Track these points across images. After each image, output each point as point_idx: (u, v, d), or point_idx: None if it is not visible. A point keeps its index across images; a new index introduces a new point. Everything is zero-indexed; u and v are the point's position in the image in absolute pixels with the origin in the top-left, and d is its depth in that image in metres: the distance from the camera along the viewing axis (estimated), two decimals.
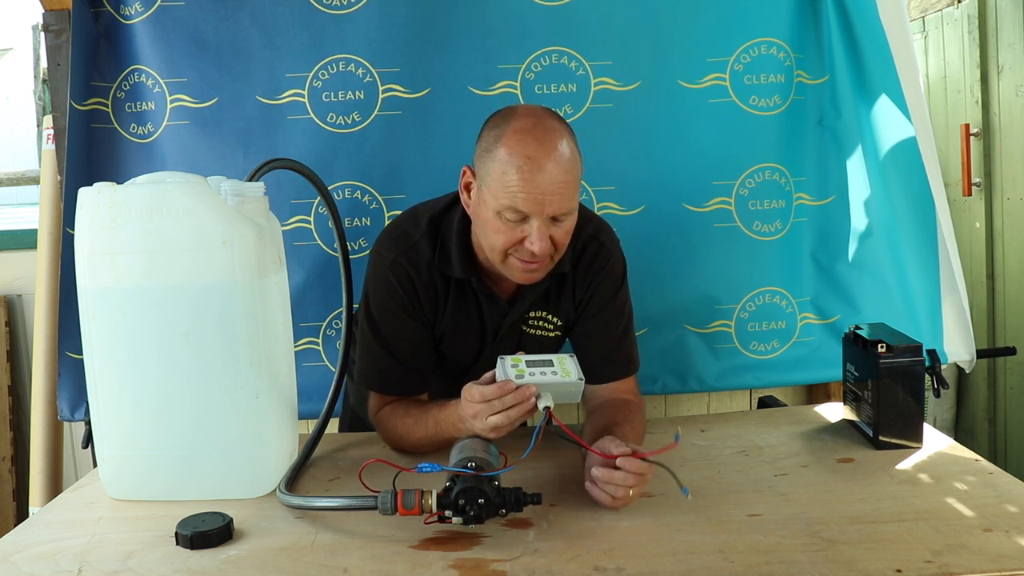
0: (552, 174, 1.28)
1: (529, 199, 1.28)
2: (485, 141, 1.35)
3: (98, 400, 1.30)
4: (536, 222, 1.30)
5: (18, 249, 2.62)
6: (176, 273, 1.23)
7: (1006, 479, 1.26)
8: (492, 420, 1.22)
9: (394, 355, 1.49)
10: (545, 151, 1.28)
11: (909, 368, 1.39)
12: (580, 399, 1.28)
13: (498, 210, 1.31)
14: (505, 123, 1.33)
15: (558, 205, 1.30)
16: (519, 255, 1.34)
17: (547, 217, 1.30)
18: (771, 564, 1.02)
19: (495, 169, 1.31)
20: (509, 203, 1.29)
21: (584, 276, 1.51)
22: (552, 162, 1.28)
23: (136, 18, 1.96)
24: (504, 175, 1.29)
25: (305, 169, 1.46)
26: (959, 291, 2.03)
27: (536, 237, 1.30)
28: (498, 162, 1.30)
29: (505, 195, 1.29)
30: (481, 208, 1.36)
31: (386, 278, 1.46)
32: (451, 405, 1.36)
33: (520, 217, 1.31)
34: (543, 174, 1.28)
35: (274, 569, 1.07)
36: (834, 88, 2.04)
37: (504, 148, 1.30)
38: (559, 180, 1.29)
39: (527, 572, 1.02)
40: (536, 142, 1.29)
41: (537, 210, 1.29)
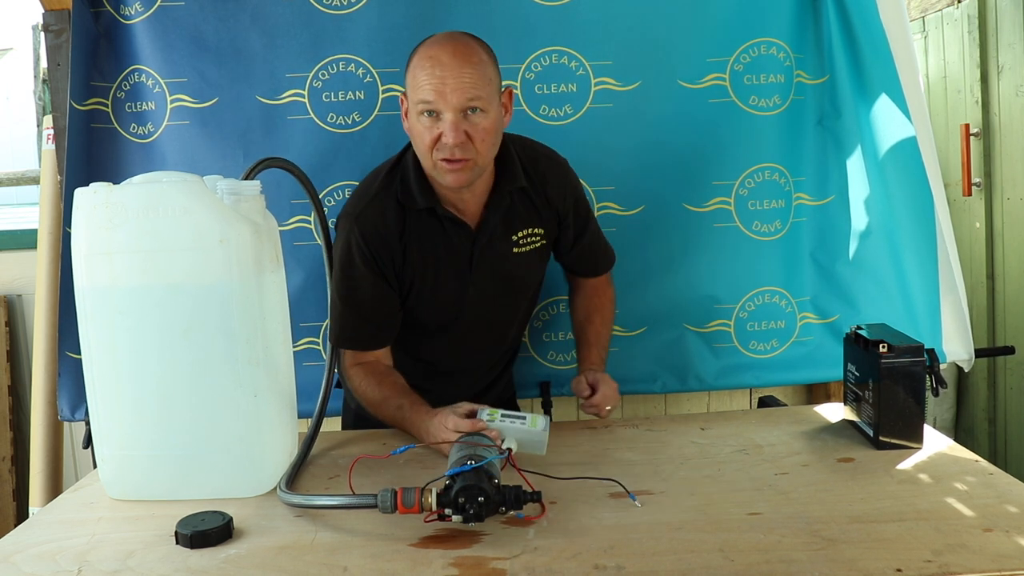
0: (453, 66, 1.41)
1: (434, 91, 1.41)
2: (408, 64, 1.47)
3: (97, 400, 1.30)
4: (448, 115, 1.41)
5: (18, 249, 2.62)
6: (173, 272, 1.23)
7: (1006, 479, 1.26)
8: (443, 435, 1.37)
9: (353, 308, 1.57)
10: (447, 48, 1.43)
11: (910, 369, 1.39)
12: (544, 450, 1.35)
13: (417, 113, 1.44)
14: (421, 43, 1.47)
15: (462, 94, 1.41)
16: (442, 154, 1.44)
17: (456, 110, 1.41)
18: (771, 563, 1.02)
19: (409, 77, 1.46)
20: (420, 98, 1.42)
21: (556, 192, 1.64)
22: (452, 55, 1.42)
23: (136, 18, 1.96)
24: (415, 78, 1.44)
25: (296, 169, 1.47)
26: (958, 291, 2.03)
27: (449, 129, 1.41)
28: (411, 69, 1.45)
29: (416, 93, 1.43)
30: (409, 120, 1.48)
31: (351, 232, 1.54)
32: (421, 410, 1.48)
33: (433, 113, 1.42)
34: (444, 67, 1.41)
35: (274, 568, 1.07)
36: (834, 88, 2.04)
37: (416, 56, 1.45)
38: (462, 71, 1.41)
39: (527, 570, 1.02)
40: (439, 44, 1.44)
41: (442, 101, 1.41)
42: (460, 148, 1.42)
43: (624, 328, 2.08)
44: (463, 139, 1.42)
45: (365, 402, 1.59)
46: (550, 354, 2.12)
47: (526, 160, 1.62)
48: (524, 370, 2.10)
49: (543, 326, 2.11)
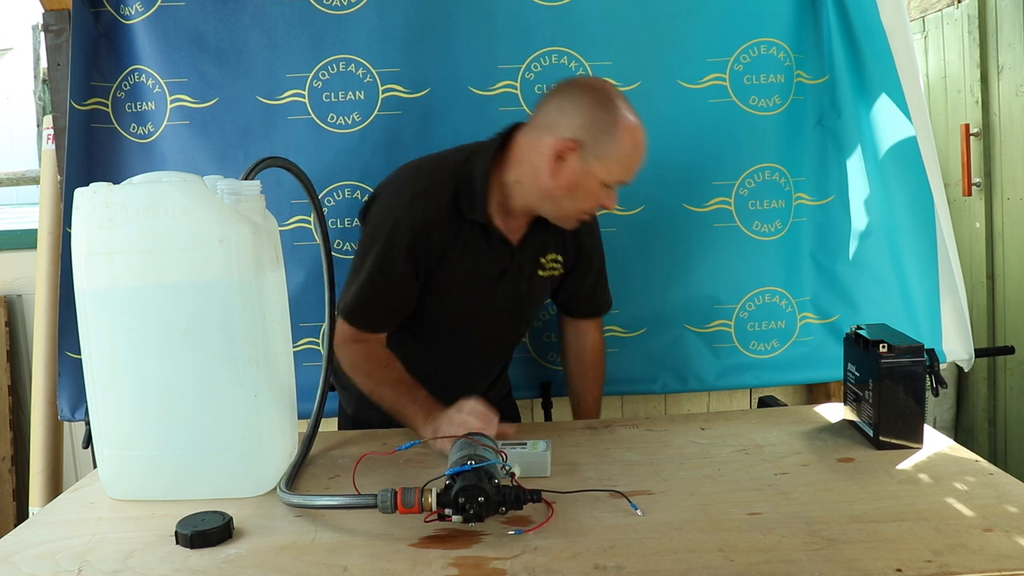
0: (645, 153, 1.56)
1: (632, 175, 1.56)
2: (596, 122, 1.50)
3: (97, 400, 1.29)
4: (615, 190, 1.57)
5: (18, 249, 2.62)
6: (173, 272, 1.23)
7: (1006, 479, 1.26)
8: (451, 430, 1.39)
9: (378, 292, 1.58)
10: (645, 135, 1.55)
11: (910, 369, 1.39)
12: (548, 471, 1.35)
13: (608, 182, 1.53)
14: (614, 108, 1.51)
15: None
16: (588, 213, 1.60)
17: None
18: (771, 563, 1.02)
19: (617, 150, 1.50)
20: (621, 178, 1.54)
21: (585, 226, 1.70)
22: (646, 142, 1.56)
23: (136, 18, 1.96)
24: (624, 154, 1.51)
25: (295, 168, 1.46)
26: (958, 291, 2.03)
27: (614, 201, 1.57)
28: (620, 145, 1.50)
29: (622, 171, 1.53)
30: (583, 177, 1.52)
31: (398, 217, 1.55)
32: (424, 401, 1.52)
33: (616, 187, 1.56)
34: (642, 158, 1.56)
35: (274, 568, 1.06)
36: (834, 88, 2.05)
37: (624, 131, 1.50)
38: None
39: (527, 570, 1.02)
40: (642, 131, 1.54)
41: (628, 182, 1.57)
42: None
43: (624, 329, 2.09)
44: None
45: (360, 379, 1.60)
46: (550, 355, 2.12)
47: None
48: (524, 371, 2.10)
49: (543, 327, 2.11)
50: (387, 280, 1.57)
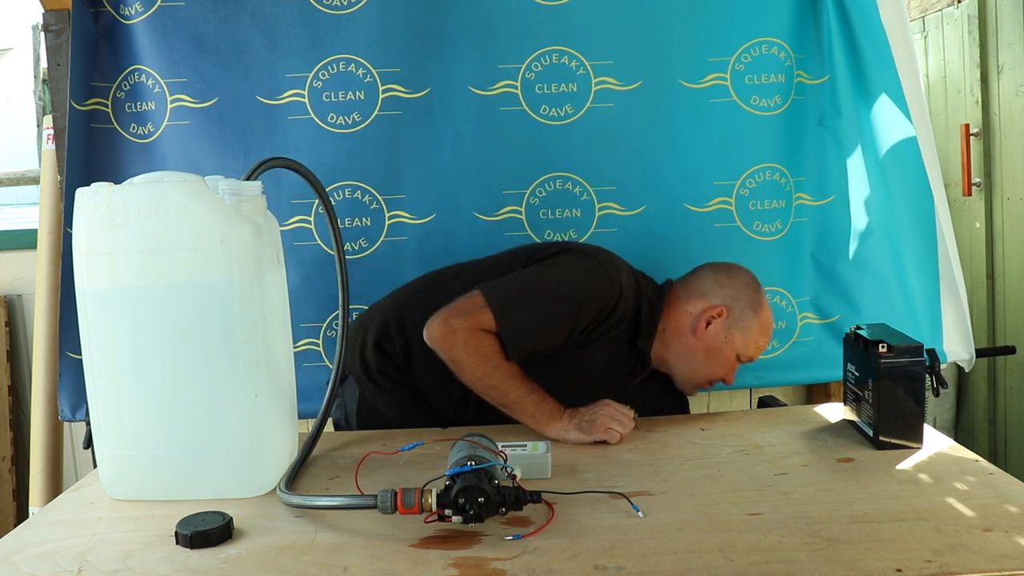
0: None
1: (755, 357, 1.71)
2: (748, 298, 1.68)
3: (97, 400, 1.29)
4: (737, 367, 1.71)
5: (18, 249, 2.62)
6: (174, 272, 1.23)
7: (1006, 479, 1.26)
8: (618, 422, 1.51)
9: (541, 323, 1.56)
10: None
11: (910, 369, 1.39)
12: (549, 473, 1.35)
13: (739, 355, 1.68)
14: (761, 292, 1.71)
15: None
16: (707, 383, 1.72)
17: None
18: (771, 563, 1.02)
19: (755, 331, 1.68)
20: (750, 356, 1.69)
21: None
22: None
23: (136, 18, 1.96)
24: (760, 339, 1.69)
25: (302, 168, 1.46)
26: (959, 291, 2.03)
27: (733, 377, 1.71)
28: (759, 329, 1.68)
29: (754, 351, 1.69)
30: (722, 344, 1.66)
31: (605, 284, 1.59)
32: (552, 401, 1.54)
33: (739, 363, 1.70)
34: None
35: (274, 568, 1.07)
36: (834, 88, 2.04)
37: (767, 317, 1.70)
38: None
39: (527, 571, 1.02)
40: (773, 324, 1.74)
41: (751, 361, 1.72)
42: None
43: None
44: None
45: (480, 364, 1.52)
46: None
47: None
48: None
49: None
50: (557, 320, 1.56)
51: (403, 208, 2.00)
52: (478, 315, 1.52)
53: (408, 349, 1.68)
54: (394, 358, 1.69)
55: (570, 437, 1.50)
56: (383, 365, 1.71)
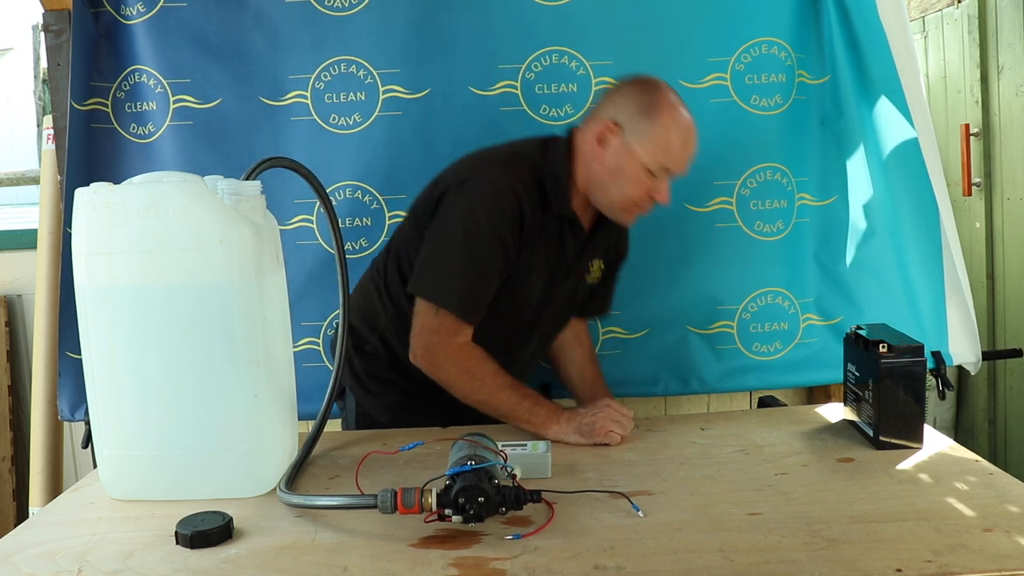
0: (692, 144, 1.56)
1: (679, 163, 1.55)
2: (637, 103, 1.54)
3: (97, 400, 1.29)
4: (667, 181, 1.56)
5: (18, 249, 2.62)
6: (174, 272, 1.23)
7: (1006, 479, 1.25)
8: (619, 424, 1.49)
9: (481, 278, 1.54)
10: (693, 126, 1.56)
11: (910, 369, 1.39)
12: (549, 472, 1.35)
13: (649, 167, 1.53)
14: (656, 92, 1.55)
15: (686, 171, 1.58)
16: (642, 205, 1.58)
17: (672, 177, 1.57)
18: (771, 563, 1.02)
19: (658, 134, 1.52)
20: (664, 163, 1.53)
21: (620, 231, 1.77)
22: (693, 133, 1.56)
23: (137, 18, 1.96)
24: (668, 140, 1.53)
25: (302, 168, 1.46)
26: (963, 292, 2.02)
27: (665, 193, 1.57)
28: (659, 127, 1.52)
29: (664, 156, 1.53)
30: (625, 160, 1.54)
31: (500, 203, 1.53)
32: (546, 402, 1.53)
33: (663, 176, 1.55)
34: (692, 145, 1.56)
35: (274, 568, 1.06)
36: (835, 88, 2.04)
37: (667, 116, 1.53)
38: (693, 153, 1.58)
39: (527, 571, 1.02)
40: (687, 118, 1.55)
41: (678, 171, 1.56)
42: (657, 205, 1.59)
43: (626, 330, 2.08)
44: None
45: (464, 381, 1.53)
46: None
47: None
48: None
49: None
50: (491, 267, 1.54)
51: (403, 208, 2.00)
52: (437, 322, 1.53)
53: (387, 344, 1.70)
54: (378, 356, 1.70)
55: (569, 439, 1.49)
56: (371, 368, 1.72)
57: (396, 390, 1.72)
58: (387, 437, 1.59)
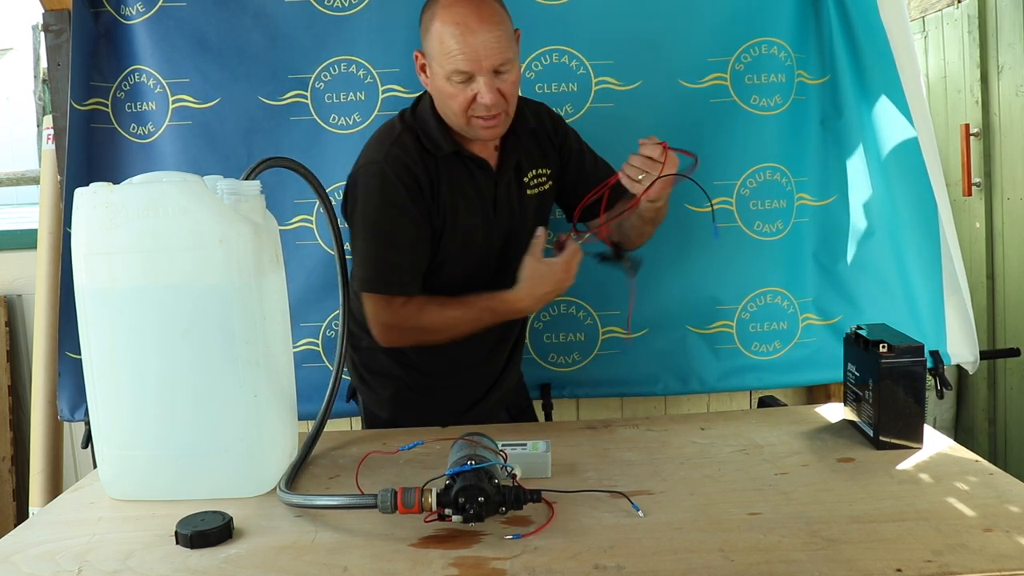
0: (484, 32, 1.45)
1: (468, 58, 1.46)
2: (423, 22, 1.52)
3: (97, 400, 1.29)
4: (481, 78, 1.47)
5: (18, 249, 2.62)
6: (173, 272, 1.23)
7: (1006, 479, 1.25)
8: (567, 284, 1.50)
9: (393, 248, 1.56)
10: (473, 13, 1.46)
11: (910, 369, 1.39)
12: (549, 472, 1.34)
13: (446, 76, 1.48)
14: (435, 3, 1.49)
15: (496, 57, 1.47)
16: (476, 113, 1.50)
17: (489, 71, 1.47)
18: (771, 563, 1.02)
19: (434, 42, 1.48)
20: (453, 67, 1.47)
21: (551, 125, 1.72)
22: (481, 21, 1.45)
23: (137, 18, 1.96)
24: (443, 44, 1.47)
25: (302, 168, 1.46)
26: (962, 292, 2.02)
27: (485, 91, 1.47)
28: (435, 34, 1.48)
29: (448, 61, 1.47)
30: (435, 80, 1.52)
31: (382, 175, 1.54)
32: (502, 293, 1.54)
33: (466, 78, 1.47)
34: (476, 34, 1.45)
35: (274, 568, 1.06)
36: (835, 88, 2.04)
37: (438, 21, 1.47)
38: (492, 35, 1.46)
39: (527, 570, 1.02)
40: (461, 7, 1.46)
41: (478, 67, 1.46)
42: (495, 106, 1.48)
43: (625, 330, 2.08)
44: (498, 98, 1.48)
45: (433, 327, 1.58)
46: (551, 356, 2.12)
47: (523, 104, 1.65)
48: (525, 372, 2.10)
49: (544, 327, 2.11)
50: (395, 233, 1.55)
51: None
52: (372, 306, 1.58)
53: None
54: (373, 350, 1.71)
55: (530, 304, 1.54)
56: (369, 362, 1.74)
57: (392, 384, 1.73)
58: (387, 437, 1.59)
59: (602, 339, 2.10)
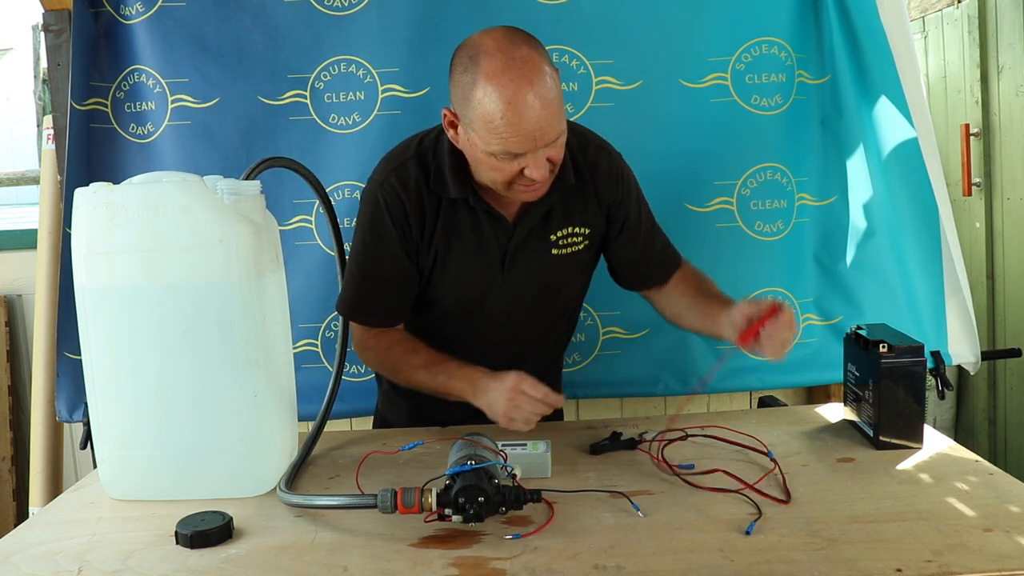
0: (537, 109, 1.26)
1: (520, 140, 1.28)
2: (460, 86, 1.31)
3: (97, 400, 1.29)
4: (531, 155, 1.30)
5: (18, 249, 2.62)
6: (173, 272, 1.23)
7: (1006, 479, 1.25)
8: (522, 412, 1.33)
9: (372, 280, 1.51)
10: (523, 89, 1.25)
11: (910, 369, 1.39)
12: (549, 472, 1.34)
13: (491, 152, 1.31)
14: (475, 66, 1.28)
15: (549, 135, 1.29)
16: (521, 184, 1.35)
17: (543, 149, 1.31)
18: (771, 563, 1.02)
19: (478, 117, 1.28)
20: (502, 148, 1.29)
21: (605, 182, 1.52)
22: (534, 96, 1.26)
23: (137, 18, 1.96)
24: (489, 123, 1.27)
25: (302, 168, 1.46)
26: (963, 292, 2.02)
27: (535, 168, 1.31)
28: (478, 107, 1.27)
29: (496, 141, 1.28)
30: (470, 149, 1.36)
31: (375, 199, 1.47)
32: (471, 369, 1.42)
33: (515, 156, 1.30)
34: (529, 112, 1.26)
35: (274, 568, 1.06)
36: (835, 88, 2.04)
37: (481, 91, 1.27)
38: (545, 112, 1.27)
39: (527, 570, 1.02)
40: (512, 82, 1.25)
41: (531, 147, 1.29)
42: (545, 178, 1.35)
43: (626, 330, 2.08)
44: (548, 170, 1.35)
45: (396, 367, 1.53)
46: None
47: (578, 150, 1.50)
48: None
49: None
50: (379, 266, 1.49)
51: None
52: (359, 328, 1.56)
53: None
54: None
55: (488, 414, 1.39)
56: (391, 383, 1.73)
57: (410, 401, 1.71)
58: (387, 437, 1.59)
59: (602, 339, 2.10)
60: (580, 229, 1.53)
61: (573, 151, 1.48)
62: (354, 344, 1.58)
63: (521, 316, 1.58)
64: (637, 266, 1.63)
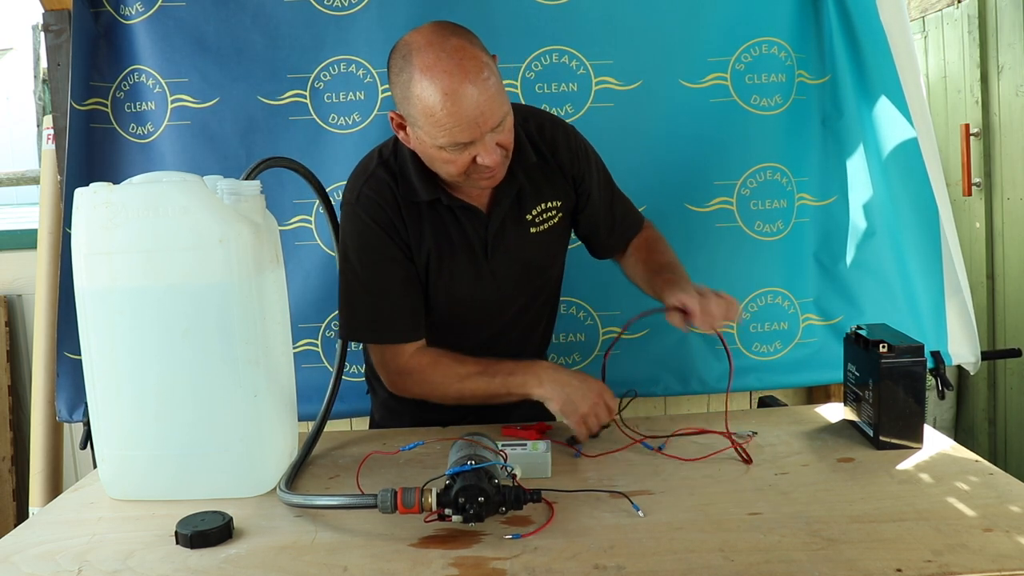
0: (475, 96, 1.27)
1: (464, 129, 1.28)
2: (399, 86, 1.32)
3: (97, 400, 1.29)
4: (480, 143, 1.31)
5: (18, 249, 2.62)
6: (173, 272, 1.23)
7: (1006, 479, 1.25)
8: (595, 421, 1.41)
9: (383, 296, 1.48)
10: (458, 77, 1.26)
11: (910, 369, 1.39)
12: (549, 472, 1.34)
13: (440, 146, 1.31)
14: (409, 64, 1.30)
15: (492, 119, 1.30)
16: (477, 173, 1.36)
17: (489, 133, 1.31)
18: (771, 563, 1.02)
19: (420, 113, 1.29)
20: (449, 140, 1.30)
21: (567, 155, 1.54)
22: (467, 80, 1.27)
23: (136, 18, 1.96)
24: (432, 116, 1.28)
25: (302, 168, 1.46)
26: (963, 292, 2.03)
27: (486, 154, 1.32)
28: (417, 103, 1.29)
29: (442, 134, 1.29)
30: (423, 146, 1.36)
31: (356, 217, 1.46)
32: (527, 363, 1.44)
33: (464, 146, 1.31)
34: (467, 99, 1.27)
35: (274, 568, 1.06)
36: (835, 88, 2.05)
37: (417, 87, 1.28)
38: (484, 94, 1.28)
39: (527, 570, 1.02)
40: (446, 73, 1.26)
41: (477, 134, 1.30)
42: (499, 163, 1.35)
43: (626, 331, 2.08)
44: (500, 154, 1.35)
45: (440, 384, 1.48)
46: (550, 356, 2.12)
47: (534, 130, 1.52)
48: None
49: None
50: (383, 279, 1.48)
51: None
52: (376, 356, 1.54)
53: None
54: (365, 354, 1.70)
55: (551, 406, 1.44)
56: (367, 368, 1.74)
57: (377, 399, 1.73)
58: (387, 437, 1.59)
59: (602, 339, 2.10)
60: (553, 203, 1.56)
61: (529, 130, 1.50)
62: (387, 374, 1.53)
63: (515, 303, 1.60)
64: (600, 235, 1.66)
